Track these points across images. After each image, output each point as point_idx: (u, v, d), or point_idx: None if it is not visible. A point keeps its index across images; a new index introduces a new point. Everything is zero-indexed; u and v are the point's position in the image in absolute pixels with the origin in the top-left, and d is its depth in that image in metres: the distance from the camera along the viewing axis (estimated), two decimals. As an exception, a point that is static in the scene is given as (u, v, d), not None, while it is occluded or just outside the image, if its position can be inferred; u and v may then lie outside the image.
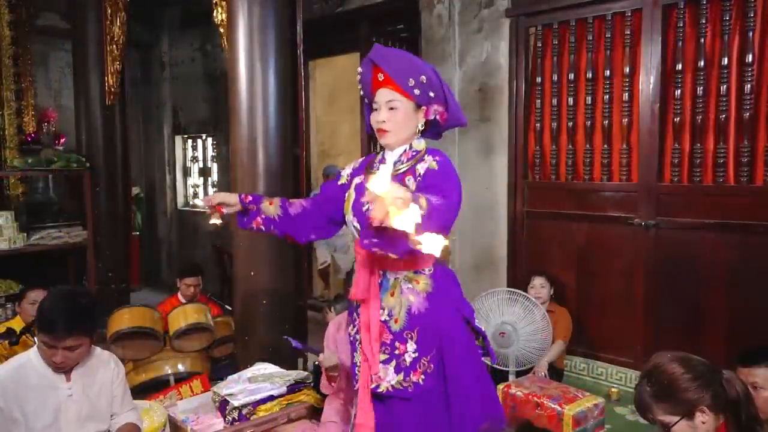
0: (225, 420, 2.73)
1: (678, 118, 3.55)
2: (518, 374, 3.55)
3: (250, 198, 2.08)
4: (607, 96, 3.82)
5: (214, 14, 3.54)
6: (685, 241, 3.58)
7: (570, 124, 4.00)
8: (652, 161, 3.66)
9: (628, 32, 3.70)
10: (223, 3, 3.44)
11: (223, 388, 2.82)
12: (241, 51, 3.23)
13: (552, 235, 4.16)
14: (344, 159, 6.56)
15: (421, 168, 1.87)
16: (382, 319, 1.87)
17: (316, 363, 3.19)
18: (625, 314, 3.82)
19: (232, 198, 2.05)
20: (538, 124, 4.18)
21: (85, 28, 5.08)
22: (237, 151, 3.27)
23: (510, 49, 4.20)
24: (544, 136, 4.16)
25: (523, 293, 3.62)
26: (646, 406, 1.64)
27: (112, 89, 5.02)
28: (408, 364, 1.86)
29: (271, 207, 2.06)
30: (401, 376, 1.85)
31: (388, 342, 1.87)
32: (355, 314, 2.00)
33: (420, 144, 1.92)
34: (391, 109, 1.86)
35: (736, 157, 3.39)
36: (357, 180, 2.03)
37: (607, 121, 3.83)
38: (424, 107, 1.88)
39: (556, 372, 3.74)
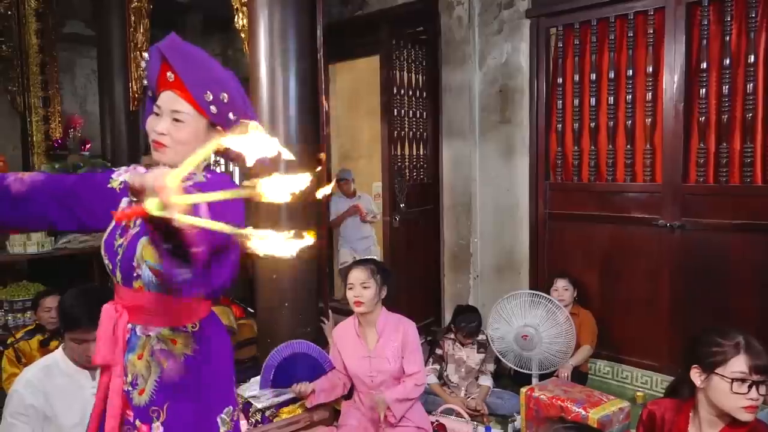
0: (248, 422, 2.75)
1: (703, 118, 3.50)
2: (541, 377, 3.52)
3: None
4: (630, 96, 3.78)
5: (236, 19, 3.58)
6: (711, 242, 3.52)
7: (592, 124, 3.96)
8: (677, 161, 3.60)
9: (651, 31, 3.65)
10: (244, 8, 3.47)
11: (247, 390, 2.84)
12: (262, 55, 3.25)
13: (575, 237, 4.12)
14: (365, 162, 6.58)
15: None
16: (125, 389, 1.45)
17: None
18: (650, 317, 3.77)
19: None
20: (559, 125, 4.14)
21: (109, 36, 5.17)
22: (259, 154, 3.29)
23: (530, 49, 4.18)
24: (566, 137, 4.13)
25: (546, 296, 3.59)
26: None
27: (136, 95, 5.10)
28: None
29: None
30: None
31: (131, 420, 1.45)
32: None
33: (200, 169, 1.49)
34: (177, 120, 1.42)
35: (763, 156, 3.32)
36: (125, 201, 1.51)
37: (630, 122, 3.79)
38: (220, 128, 1.46)
39: (579, 375, 3.70)
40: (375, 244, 5.91)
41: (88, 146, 5.86)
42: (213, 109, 1.41)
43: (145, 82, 1.55)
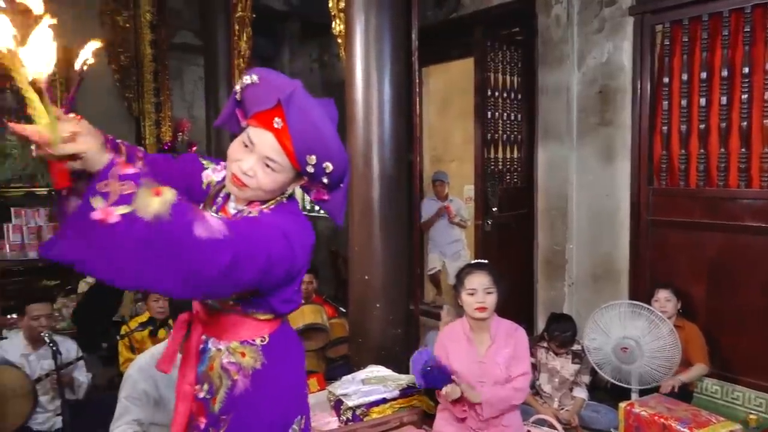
0: (339, 419, 2.80)
1: (832, 118, 3.20)
2: (641, 393, 3.34)
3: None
4: (746, 95, 3.51)
5: (333, 25, 3.67)
6: (839, 254, 3.20)
7: (702, 126, 3.72)
8: (800, 166, 3.32)
9: (772, 25, 3.38)
10: (342, 14, 3.55)
11: (338, 387, 2.89)
12: (357, 60, 3.31)
13: (680, 246, 3.88)
14: (456, 165, 6.55)
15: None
16: (201, 396, 1.46)
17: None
18: (767, 334, 3.48)
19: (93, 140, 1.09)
20: (665, 127, 3.92)
21: (215, 44, 5.46)
22: (353, 156, 3.36)
23: (634, 48, 3.99)
24: (672, 140, 3.90)
25: (648, 306, 3.40)
26: None
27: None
28: None
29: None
30: None
31: (201, 426, 1.46)
32: None
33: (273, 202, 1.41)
34: (268, 166, 1.35)
35: None
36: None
37: (745, 123, 3.52)
38: (305, 179, 1.41)
39: (684, 393, 3.48)
40: (465, 248, 5.86)
41: (194, 148, 6.21)
42: (310, 169, 1.35)
43: (237, 87, 1.40)
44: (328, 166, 1.34)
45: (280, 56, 7.60)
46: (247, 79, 1.37)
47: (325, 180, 1.38)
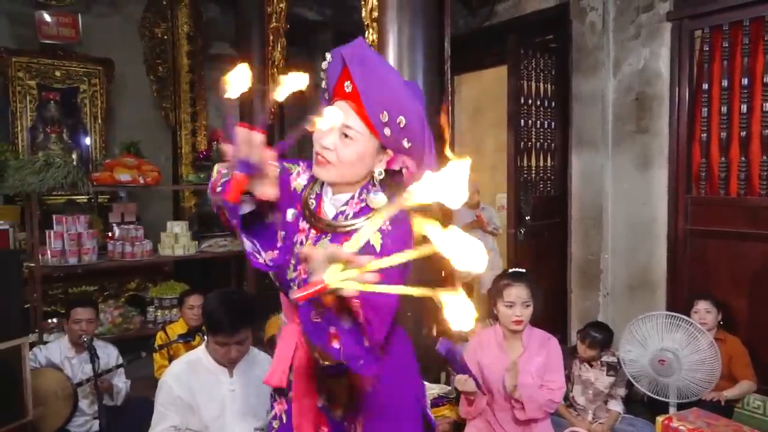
0: (370, 428, 2.79)
1: None
2: (680, 407, 3.25)
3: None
4: (790, 101, 3.42)
5: (366, 35, 3.69)
6: None
7: (743, 133, 3.63)
8: None
9: (816, 29, 3.29)
10: (375, 24, 3.57)
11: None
12: (390, 69, 3.32)
13: (720, 256, 3.78)
14: (489, 174, 6.50)
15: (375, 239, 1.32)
16: (319, 405, 1.41)
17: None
18: (811, 348, 3.36)
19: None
20: (704, 134, 3.84)
21: (250, 54, 5.53)
22: (385, 165, 3.36)
23: (672, 54, 3.92)
24: (712, 147, 3.82)
25: (687, 318, 3.31)
26: None
27: (272, 109, 5.41)
28: None
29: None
30: None
31: None
32: (275, 395, 1.53)
33: (377, 200, 1.32)
34: (346, 136, 1.30)
35: None
36: (291, 213, 1.43)
37: (789, 130, 3.43)
38: (390, 152, 1.34)
39: (724, 407, 3.37)
40: (498, 257, 5.80)
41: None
42: (386, 131, 1.27)
43: (323, 84, 1.38)
44: (401, 121, 1.27)
45: (313, 66, 7.67)
46: (324, 64, 1.37)
47: (405, 142, 1.30)
